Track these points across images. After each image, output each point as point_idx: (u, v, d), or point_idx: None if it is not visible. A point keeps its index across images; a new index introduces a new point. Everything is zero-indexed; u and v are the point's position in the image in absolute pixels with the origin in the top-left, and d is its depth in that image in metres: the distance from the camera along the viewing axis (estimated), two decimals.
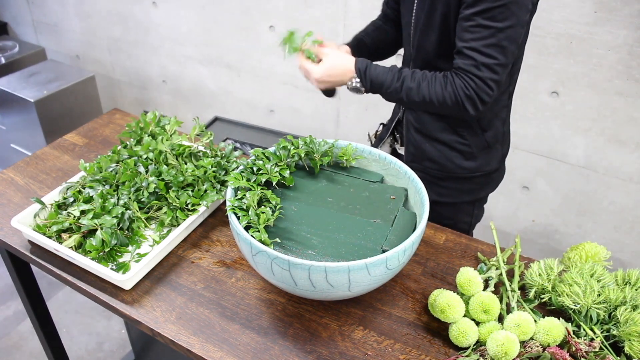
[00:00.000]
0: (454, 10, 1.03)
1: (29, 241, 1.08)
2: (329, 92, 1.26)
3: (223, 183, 1.16)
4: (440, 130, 1.20)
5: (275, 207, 0.95)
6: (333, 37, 2.17)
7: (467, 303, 0.91)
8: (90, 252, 0.99)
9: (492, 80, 1.02)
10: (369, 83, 1.12)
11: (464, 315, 0.90)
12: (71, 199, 1.11)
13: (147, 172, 1.14)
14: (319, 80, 1.14)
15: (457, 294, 0.92)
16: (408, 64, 1.23)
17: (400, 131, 1.34)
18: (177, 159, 1.19)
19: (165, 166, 1.15)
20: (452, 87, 1.04)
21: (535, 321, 0.86)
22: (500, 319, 0.90)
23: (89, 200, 1.08)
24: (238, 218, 0.90)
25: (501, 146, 1.26)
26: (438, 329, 0.93)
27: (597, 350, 0.82)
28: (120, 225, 1.04)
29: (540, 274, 0.94)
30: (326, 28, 2.17)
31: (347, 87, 1.14)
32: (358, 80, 1.12)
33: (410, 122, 1.24)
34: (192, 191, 1.12)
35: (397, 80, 1.10)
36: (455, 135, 1.19)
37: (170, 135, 1.25)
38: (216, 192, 1.13)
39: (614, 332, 0.86)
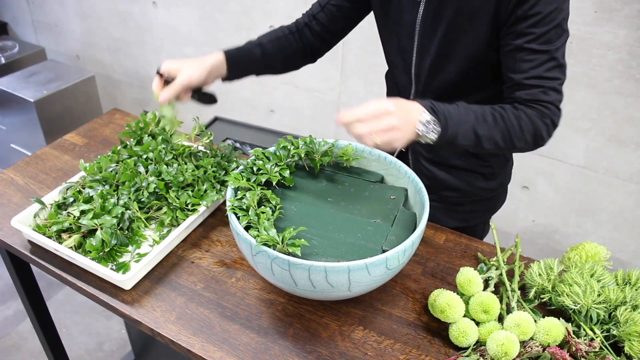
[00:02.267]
0: (487, 41, 0.95)
1: (29, 241, 1.08)
2: (208, 99, 1.09)
3: (223, 183, 1.16)
4: (456, 156, 1.12)
5: (275, 207, 0.95)
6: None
7: (467, 303, 0.91)
8: (90, 252, 0.99)
9: (559, 101, 0.95)
10: (443, 116, 0.88)
11: (464, 315, 0.90)
12: (71, 199, 1.11)
13: (147, 172, 1.14)
14: (394, 110, 0.84)
15: (457, 294, 0.92)
16: (407, 94, 1.14)
17: (406, 162, 1.22)
18: (177, 159, 1.19)
19: (165, 166, 1.15)
20: (527, 118, 0.93)
21: (535, 321, 0.86)
22: (500, 319, 0.90)
23: (89, 200, 1.08)
24: (238, 218, 0.90)
25: (511, 155, 1.23)
26: (438, 329, 0.93)
27: (597, 350, 0.82)
28: (120, 225, 1.04)
29: (540, 274, 0.94)
30: None
31: (420, 127, 0.88)
32: (428, 114, 0.88)
33: (419, 152, 1.17)
34: (192, 191, 1.12)
35: (470, 114, 0.91)
36: (475, 159, 1.13)
37: (170, 136, 1.25)
38: (216, 192, 1.13)
39: (614, 332, 0.86)
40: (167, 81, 1.08)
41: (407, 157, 1.23)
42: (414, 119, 0.86)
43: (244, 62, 1.15)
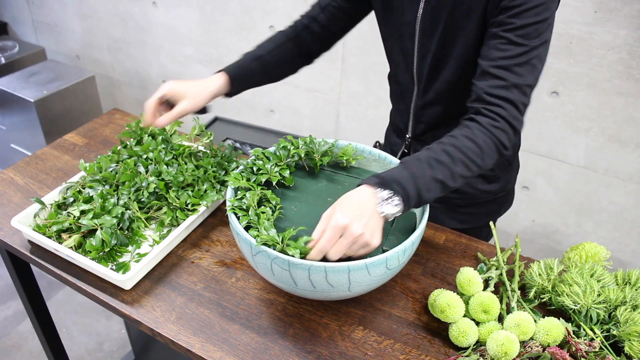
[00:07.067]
0: (477, 36, 0.94)
1: (29, 241, 1.08)
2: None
3: (223, 183, 1.16)
4: None
5: (275, 207, 0.95)
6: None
7: (467, 303, 0.91)
8: (90, 252, 0.99)
9: (522, 103, 0.89)
10: (395, 184, 0.81)
11: (464, 315, 0.90)
12: (71, 199, 1.11)
13: (147, 172, 1.14)
14: (347, 220, 0.77)
15: (457, 294, 0.92)
16: (410, 95, 1.13)
17: None
18: (177, 159, 1.19)
19: (165, 166, 1.15)
20: (483, 133, 0.87)
21: (535, 321, 0.86)
22: (500, 319, 0.90)
23: (89, 200, 1.08)
24: (238, 218, 0.90)
25: (516, 160, 1.22)
26: (438, 329, 0.93)
27: (597, 350, 0.82)
28: (120, 225, 1.04)
29: (540, 274, 0.94)
30: None
31: (382, 209, 0.80)
32: (381, 191, 0.80)
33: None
34: (192, 191, 1.12)
35: (422, 165, 0.84)
36: None
37: (170, 136, 1.25)
38: (216, 192, 1.13)
39: (614, 332, 0.86)
40: (166, 102, 1.08)
41: None
42: (371, 208, 0.79)
43: (245, 79, 1.14)
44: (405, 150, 1.23)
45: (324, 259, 0.80)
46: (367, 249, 0.80)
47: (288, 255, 0.81)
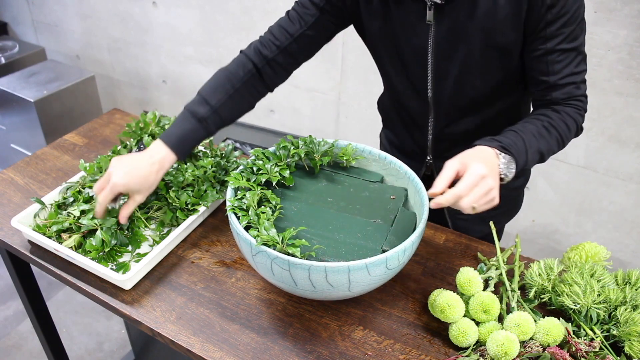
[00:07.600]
0: (517, 46, 0.94)
1: (29, 241, 1.08)
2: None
3: (223, 183, 1.16)
4: None
5: (275, 207, 0.95)
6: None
7: (467, 303, 0.91)
8: (90, 252, 0.99)
9: (586, 89, 0.97)
10: (515, 150, 0.88)
11: (464, 315, 0.90)
12: (71, 199, 1.11)
13: None
14: (487, 172, 0.81)
15: (457, 294, 0.92)
16: (424, 120, 1.10)
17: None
18: None
19: None
20: (570, 117, 0.95)
21: (535, 321, 0.86)
22: (500, 319, 0.90)
23: (89, 200, 1.08)
24: (238, 218, 0.90)
25: None
26: (438, 329, 0.93)
27: (597, 350, 0.82)
28: (120, 225, 1.04)
29: (540, 274, 0.94)
30: None
31: (502, 172, 0.87)
32: (503, 156, 0.87)
33: None
34: (192, 191, 1.12)
35: (529, 136, 0.91)
36: None
37: None
38: (216, 192, 1.13)
39: (614, 332, 0.86)
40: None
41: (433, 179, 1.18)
42: (496, 167, 0.85)
43: (192, 145, 1.04)
44: (428, 173, 1.20)
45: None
46: (491, 205, 0.83)
47: (288, 255, 0.81)
